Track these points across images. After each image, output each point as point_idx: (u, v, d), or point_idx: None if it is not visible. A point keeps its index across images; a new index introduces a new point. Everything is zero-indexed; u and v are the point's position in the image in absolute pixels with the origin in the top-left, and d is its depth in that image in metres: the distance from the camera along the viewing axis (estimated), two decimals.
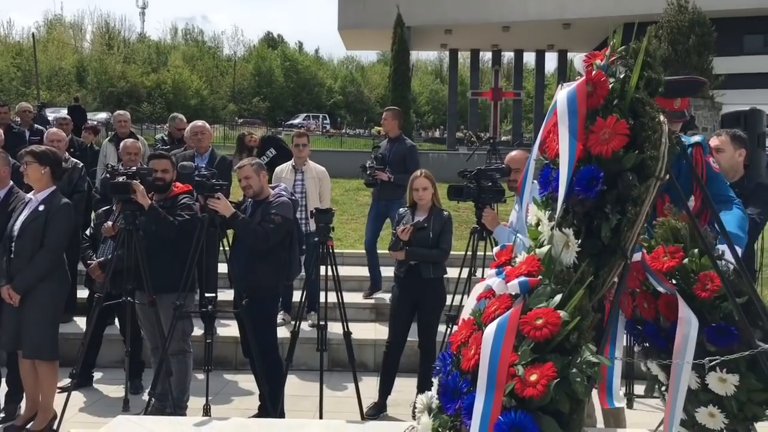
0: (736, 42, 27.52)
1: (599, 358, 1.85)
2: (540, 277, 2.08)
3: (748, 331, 2.37)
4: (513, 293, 2.08)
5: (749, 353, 2.35)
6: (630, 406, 5.30)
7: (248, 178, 4.85)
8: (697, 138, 3.14)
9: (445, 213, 5.20)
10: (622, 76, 2.15)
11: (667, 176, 2.11)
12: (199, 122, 6.94)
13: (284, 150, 7.49)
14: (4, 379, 5.00)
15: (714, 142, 4.38)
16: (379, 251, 7.27)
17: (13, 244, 4.56)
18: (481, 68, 39.95)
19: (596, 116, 2.12)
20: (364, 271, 7.45)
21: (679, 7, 19.18)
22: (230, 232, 4.99)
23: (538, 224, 2.24)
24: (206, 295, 4.68)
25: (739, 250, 2.59)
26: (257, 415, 4.83)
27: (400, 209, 5.51)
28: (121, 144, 6.65)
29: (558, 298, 1.98)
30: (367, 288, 7.35)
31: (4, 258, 4.59)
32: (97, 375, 5.85)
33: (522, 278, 2.07)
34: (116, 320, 5.89)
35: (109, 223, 5.25)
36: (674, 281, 2.57)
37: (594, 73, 2.16)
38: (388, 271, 6.63)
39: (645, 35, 2.25)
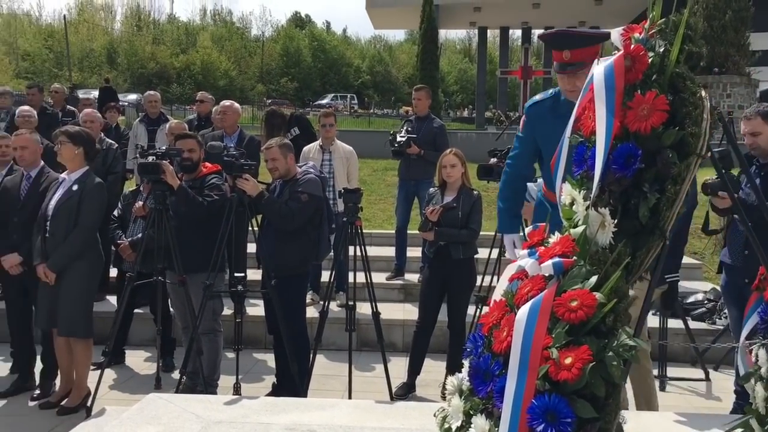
0: None
1: (636, 342, 1.80)
2: (575, 258, 2.03)
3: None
4: (546, 274, 2.04)
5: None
6: (663, 388, 5.23)
7: (275, 160, 4.83)
8: None
9: (475, 192, 5.14)
10: (661, 50, 2.07)
11: (708, 153, 2.03)
12: (227, 102, 6.93)
13: (308, 131, 7.41)
14: (39, 357, 5.09)
15: (746, 127, 4.08)
16: (409, 231, 7.23)
17: (48, 223, 4.62)
18: (511, 46, 39.40)
19: (634, 92, 2.05)
20: (392, 252, 7.41)
21: None
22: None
23: (572, 204, 2.19)
24: (236, 274, 4.69)
25: None
26: (271, 394, 4.84)
27: (430, 189, 5.47)
28: (167, 125, 6.65)
29: (593, 279, 1.93)
30: (392, 270, 7.33)
31: (39, 237, 4.66)
32: (129, 353, 5.93)
33: (556, 259, 2.02)
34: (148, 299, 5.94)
35: (140, 203, 5.30)
36: None
37: (633, 46, 2.08)
38: (417, 252, 6.60)
39: (685, 8, 2.17)
